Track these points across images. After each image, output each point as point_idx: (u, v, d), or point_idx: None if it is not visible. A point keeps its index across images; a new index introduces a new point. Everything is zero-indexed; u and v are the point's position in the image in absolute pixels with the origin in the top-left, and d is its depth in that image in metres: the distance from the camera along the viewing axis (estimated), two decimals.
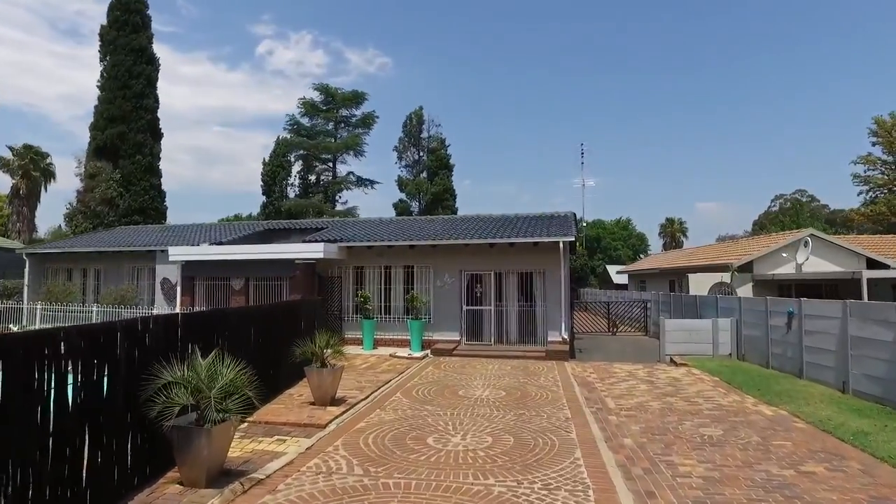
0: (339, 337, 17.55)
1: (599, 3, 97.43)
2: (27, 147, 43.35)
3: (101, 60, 26.90)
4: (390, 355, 15.45)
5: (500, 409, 9.26)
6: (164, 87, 68.52)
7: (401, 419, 8.69)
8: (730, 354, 15.05)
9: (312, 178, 44.33)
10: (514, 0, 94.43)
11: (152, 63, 27.30)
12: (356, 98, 42.47)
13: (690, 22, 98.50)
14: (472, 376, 12.37)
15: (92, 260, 20.12)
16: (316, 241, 17.13)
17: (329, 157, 43.14)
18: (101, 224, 24.81)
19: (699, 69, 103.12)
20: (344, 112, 42.99)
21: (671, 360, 14.93)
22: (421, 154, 43.26)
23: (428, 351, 15.99)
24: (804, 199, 63.73)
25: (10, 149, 44.15)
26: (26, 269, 20.16)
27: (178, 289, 17.60)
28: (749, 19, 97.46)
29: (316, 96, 42.09)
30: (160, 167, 27.79)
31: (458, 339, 16.85)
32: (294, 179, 43.22)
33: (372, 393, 10.50)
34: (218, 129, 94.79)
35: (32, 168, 43.18)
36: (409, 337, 16.57)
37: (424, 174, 41.98)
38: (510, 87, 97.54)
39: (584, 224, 56.21)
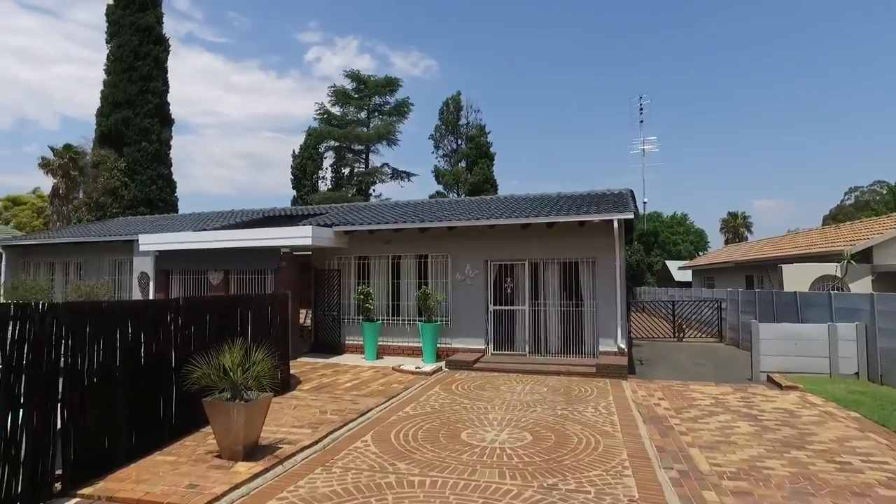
0: (338, 343, 14.16)
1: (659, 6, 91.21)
2: (67, 147, 42.39)
3: (107, 42, 24.63)
4: (393, 368, 11.86)
5: (516, 476, 5.50)
6: (217, 96, 67.90)
7: (347, 492, 5.08)
8: (856, 373, 10.68)
9: (346, 171, 41.45)
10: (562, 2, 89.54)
11: (161, 43, 24.83)
12: (389, 85, 39.27)
13: (729, 20, 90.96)
14: (490, 404, 8.63)
15: (72, 253, 17.51)
16: (304, 224, 13.76)
17: (361, 148, 40.13)
18: (105, 216, 22.52)
19: (736, 67, 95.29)
20: (377, 100, 39.91)
21: (770, 379, 10.72)
22: (459, 142, 39.63)
23: (443, 363, 12.32)
24: (883, 192, 56.33)
25: (52, 149, 43.38)
26: (2, 264, 17.76)
27: (152, 284, 14.61)
28: (810, 8, 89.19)
29: (347, 84, 39.28)
30: (170, 155, 25.35)
31: (483, 347, 13.11)
32: (326, 173, 40.47)
33: (330, 433, 6.93)
34: (269, 135, 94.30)
35: (72, 167, 42.22)
36: (421, 344, 12.98)
37: (463, 164, 38.35)
38: (559, 87, 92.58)
39: (645, 202, 49.90)
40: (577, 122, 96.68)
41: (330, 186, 39.60)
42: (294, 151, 39.14)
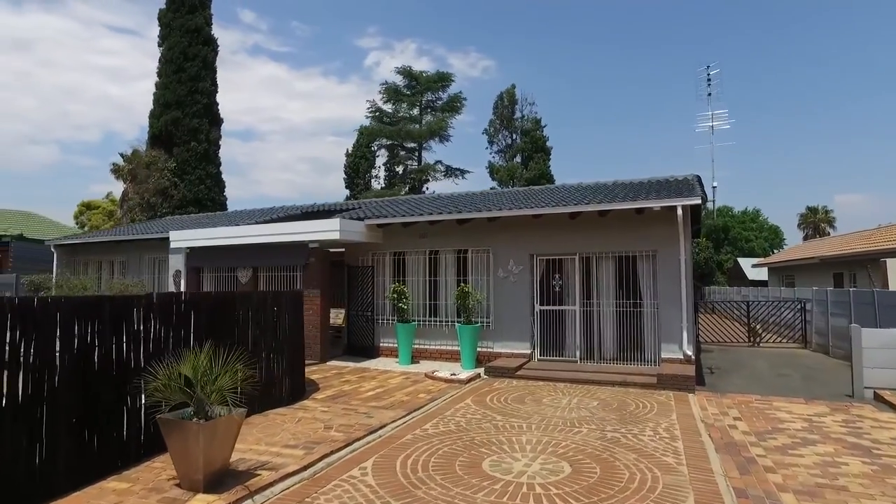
0: (372, 345, 13.07)
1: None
2: (136, 153, 43.88)
3: (159, 46, 24.78)
4: (426, 375, 10.62)
5: None
6: (282, 103, 69.44)
7: None
8: None
9: (399, 169, 40.71)
10: None
11: (209, 44, 24.74)
12: (442, 80, 38.19)
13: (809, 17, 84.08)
14: (526, 422, 7.23)
15: (115, 252, 17.36)
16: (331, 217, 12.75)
17: (414, 145, 39.25)
18: (156, 216, 22.59)
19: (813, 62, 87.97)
20: (429, 96, 38.92)
21: (878, 397, 8.74)
22: (514, 137, 38.04)
23: (482, 369, 10.98)
24: None
25: (122, 156, 45.04)
26: (54, 263, 17.84)
27: (182, 282, 14.04)
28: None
29: (399, 80, 38.50)
30: (219, 155, 25.21)
31: (528, 352, 11.65)
32: (379, 171, 39.87)
33: (325, 456, 5.75)
34: (331, 139, 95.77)
35: (137, 171, 43.65)
36: (460, 348, 11.69)
37: (518, 159, 36.75)
38: (621, 85, 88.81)
39: (714, 186, 46.30)
40: (639, 115, 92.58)
41: (383, 185, 38.97)
42: (347, 150, 38.79)
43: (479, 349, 11.94)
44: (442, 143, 39.23)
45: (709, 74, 48.65)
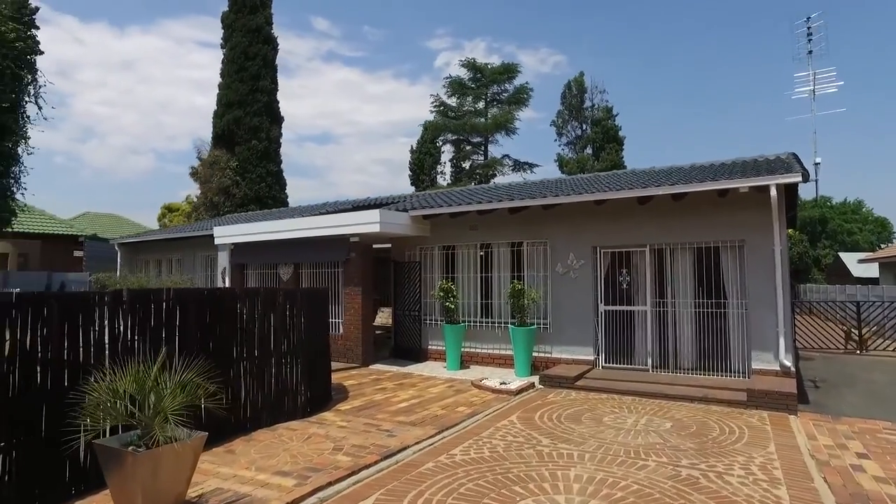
0: (419, 348, 11.97)
1: None
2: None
3: (221, 47, 24.96)
4: (472, 383, 9.37)
5: None
6: (356, 107, 70.61)
7: None
8: None
9: (466, 165, 39.57)
10: None
11: (269, 43, 24.63)
12: (507, 71, 36.67)
13: None
14: (579, 449, 5.83)
15: (172, 250, 17.28)
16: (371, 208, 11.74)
17: (480, 139, 37.98)
18: (218, 214, 22.70)
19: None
20: (495, 89, 37.51)
21: None
22: (584, 127, 35.92)
23: (536, 378, 9.59)
24: None
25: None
26: (118, 261, 18.06)
27: (227, 280, 13.54)
28: None
29: (464, 73, 37.35)
30: (280, 153, 25.07)
31: (591, 358, 10.13)
32: (445, 167, 38.90)
33: (317, 490, 4.63)
34: (403, 140, 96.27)
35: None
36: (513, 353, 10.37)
37: (589, 150, 34.64)
38: (701, 67, 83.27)
39: (817, 163, 40.54)
40: (723, 98, 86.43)
41: (449, 181, 37.99)
42: (412, 147, 38.09)
43: (534, 354, 10.55)
44: (508, 137, 37.75)
45: (809, 28, 42.30)
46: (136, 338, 5.08)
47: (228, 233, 13.29)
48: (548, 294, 10.67)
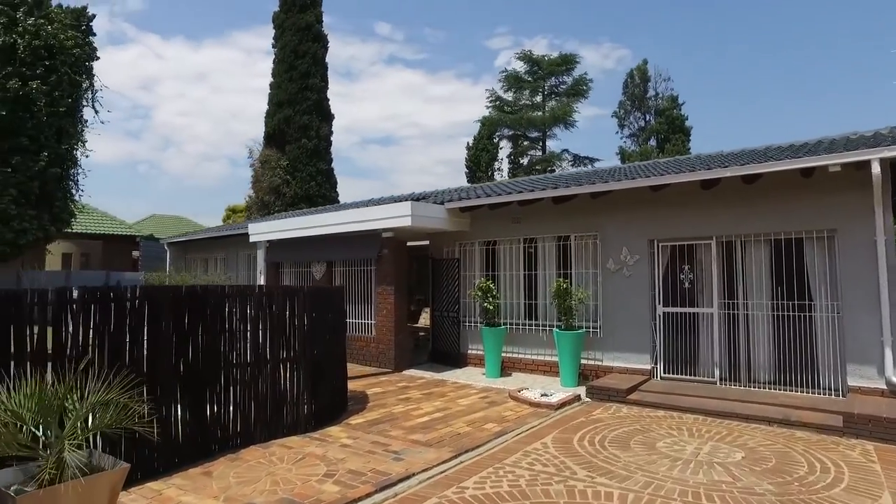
0: (457, 352, 10.99)
1: None
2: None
3: (273, 47, 24.94)
4: (510, 395, 8.27)
5: None
6: (418, 109, 71.03)
7: None
8: None
9: (524, 161, 38.17)
10: None
11: (319, 40, 24.33)
12: (566, 62, 34.94)
13: None
14: (621, 487, 4.63)
15: (216, 249, 17.14)
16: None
17: (538, 134, 36.48)
18: (269, 213, 22.60)
19: None
20: (553, 81, 35.90)
21: None
22: (647, 118, 33.70)
23: (583, 389, 8.39)
24: None
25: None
26: (168, 260, 18.17)
27: (262, 277, 13.06)
28: None
29: (520, 66, 35.98)
30: (330, 151, 24.75)
31: (648, 367, 8.79)
32: (502, 164, 37.66)
33: None
34: (465, 140, 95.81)
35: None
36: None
37: (653, 142, 32.46)
38: (769, 65, 77.25)
39: None
40: (799, 80, 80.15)
41: (507, 178, 36.75)
42: (468, 144, 37.12)
43: (583, 362, 9.33)
44: (567, 130, 35.98)
45: None
46: (91, 345, 4.38)
47: (262, 230, 12.80)
48: (598, 293, 9.41)
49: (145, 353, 4.77)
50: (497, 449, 5.74)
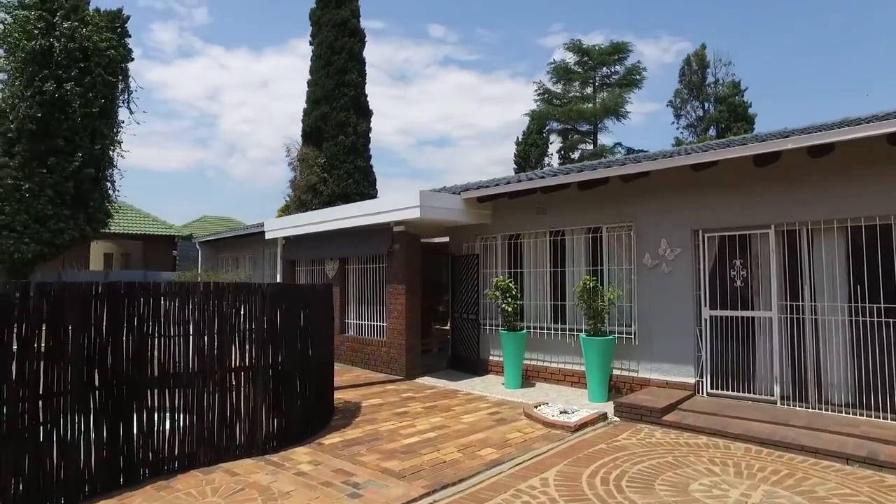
0: (476, 359, 9.86)
1: None
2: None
3: (310, 44, 24.51)
4: (524, 411, 7.04)
5: None
6: (473, 109, 70.34)
7: None
8: None
9: (575, 155, 36.38)
10: None
11: (355, 35, 23.66)
12: (617, 51, 32.89)
13: None
14: None
15: (244, 248, 16.71)
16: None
17: (589, 127, 34.61)
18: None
19: None
20: (604, 71, 33.95)
21: None
22: (706, 106, 31.16)
23: (612, 405, 7.07)
24: None
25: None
26: (199, 259, 17.93)
27: (279, 276, 12.35)
28: None
29: (569, 57, 34.22)
30: (368, 148, 24.05)
31: (692, 381, 7.34)
32: (552, 159, 36.06)
33: None
34: (519, 139, 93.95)
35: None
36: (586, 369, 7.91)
37: (712, 132, 29.97)
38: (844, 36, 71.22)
39: None
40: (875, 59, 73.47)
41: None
42: (517, 139, 35.75)
43: (615, 372, 8.00)
44: (620, 122, 33.97)
45: None
46: None
47: (277, 226, 12.11)
48: (633, 293, 8.03)
49: (42, 364, 3.93)
50: (483, 485, 4.59)
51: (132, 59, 17.85)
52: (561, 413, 6.73)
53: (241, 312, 5.18)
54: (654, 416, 6.44)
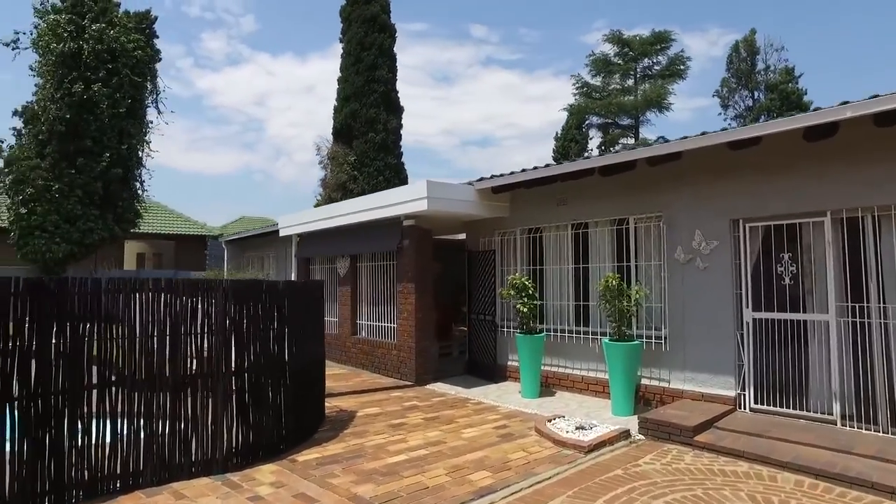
0: (493, 363, 9.06)
1: None
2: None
3: (340, 41, 24.17)
4: (535, 425, 6.20)
5: None
6: (516, 109, 69.45)
7: None
8: None
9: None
10: None
11: (385, 30, 23.14)
12: (660, 40, 31.21)
13: None
14: None
15: (268, 247, 16.36)
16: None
17: (630, 121, 33.04)
18: None
19: None
20: (645, 62, 32.33)
21: None
22: (756, 95, 29.15)
23: (636, 421, 6.14)
24: None
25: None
26: (225, 258, 17.75)
27: (293, 275, 11.84)
28: None
29: (608, 48, 32.75)
30: (400, 145, 23.50)
31: (732, 394, 6.31)
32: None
33: None
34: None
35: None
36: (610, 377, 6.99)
37: (763, 121, 28.01)
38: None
39: None
40: None
41: None
42: (556, 135, 34.57)
43: (644, 381, 7.05)
44: (663, 114, 32.26)
45: None
46: None
47: (290, 222, 11.61)
48: (664, 292, 7.06)
49: None
50: None
51: (160, 60, 17.83)
52: (577, 429, 5.86)
53: (200, 311, 4.56)
54: (684, 435, 5.49)
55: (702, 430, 5.57)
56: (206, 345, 4.60)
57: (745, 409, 6.18)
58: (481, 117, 74.23)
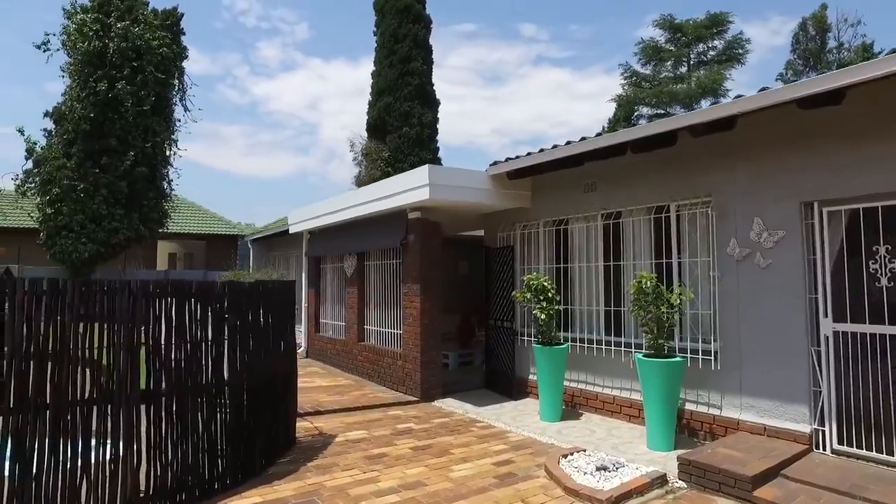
0: (511, 377, 7.82)
1: None
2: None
3: (374, 34, 23.34)
4: (546, 463, 4.94)
5: None
6: (566, 107, 67.56)
7: None
8: None
9: None
10: None
11: (419, 21, 22.12)
12: (715, 23, 28.83)
13: None
14: None
15: (290, 246, 15.59)
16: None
17: (683, 111, 30.79)
18: None
19: None
20: (700, 48, 29.98)
21: None
22: None
23: (675, 461, 4.77)
24: None
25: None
26: (251, 258, 17.18)
27: (304, 278, 10.95)
28: None
29: (659, 35, 30.58)
30: (435, 140, 22.43)
31: (806, 431, 4.85)
32: None
33: None
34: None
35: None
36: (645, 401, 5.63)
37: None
38: None
39: None
40: None
41: None
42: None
43: (689, 407, 5.66)
44: (718, 103, 29.88)
45: None
46: None
47: (299, 218, 10.72)
48: (713, 296, 5.64)
49: None
50: None
51: (186, 57, 17.47)
52: (598, 469, 4.59)
53: (89, 324, 3.59)
54: (740, 486, 4.11)
55: (764, 479, 4.18)
56: (104, 360, 3.62)
57: (824, 450, 4.72)
58: (532, 116, 72.45)
